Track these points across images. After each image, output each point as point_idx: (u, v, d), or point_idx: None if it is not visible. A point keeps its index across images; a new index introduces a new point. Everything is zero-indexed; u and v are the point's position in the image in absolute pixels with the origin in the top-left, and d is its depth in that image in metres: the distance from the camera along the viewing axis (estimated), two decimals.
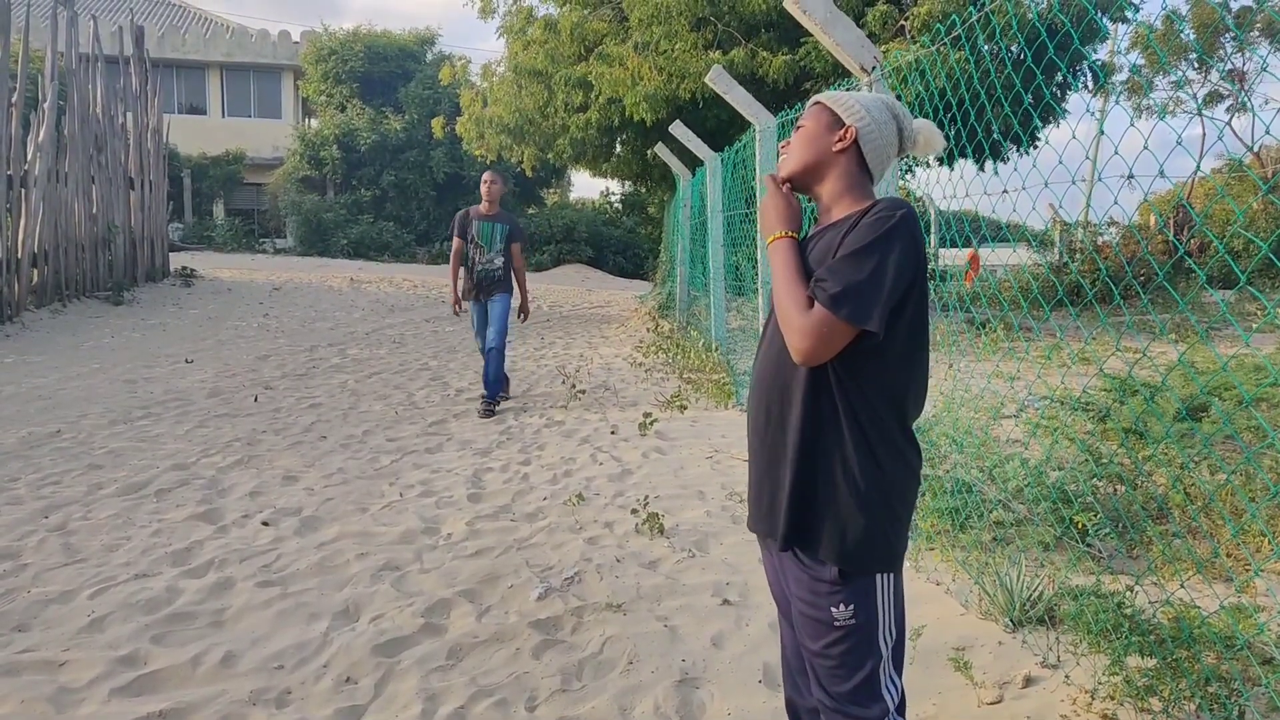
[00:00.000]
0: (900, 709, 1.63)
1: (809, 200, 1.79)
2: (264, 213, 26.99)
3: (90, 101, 12.39)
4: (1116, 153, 2.27)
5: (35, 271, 10.76)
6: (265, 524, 4.05)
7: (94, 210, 12.30)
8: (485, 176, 6.47)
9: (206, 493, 4.50)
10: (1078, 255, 12.69)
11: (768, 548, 1.80)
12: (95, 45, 12.94)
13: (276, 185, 26.17)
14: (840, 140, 1.66)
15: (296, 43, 27.91)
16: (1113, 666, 2.20)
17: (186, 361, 8.56)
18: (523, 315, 6.91)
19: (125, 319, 11.13)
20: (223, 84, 27.45)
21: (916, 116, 1.81)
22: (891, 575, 1.62)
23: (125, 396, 6.91)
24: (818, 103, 1.74)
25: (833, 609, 1.59)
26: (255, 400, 6.84)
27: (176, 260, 16.13)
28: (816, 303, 1.51)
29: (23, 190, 10.49)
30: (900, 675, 1.65)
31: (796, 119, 1.79)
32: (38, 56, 13.80)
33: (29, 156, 10.67)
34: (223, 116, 27.23)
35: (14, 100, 10.18)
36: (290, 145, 25.54)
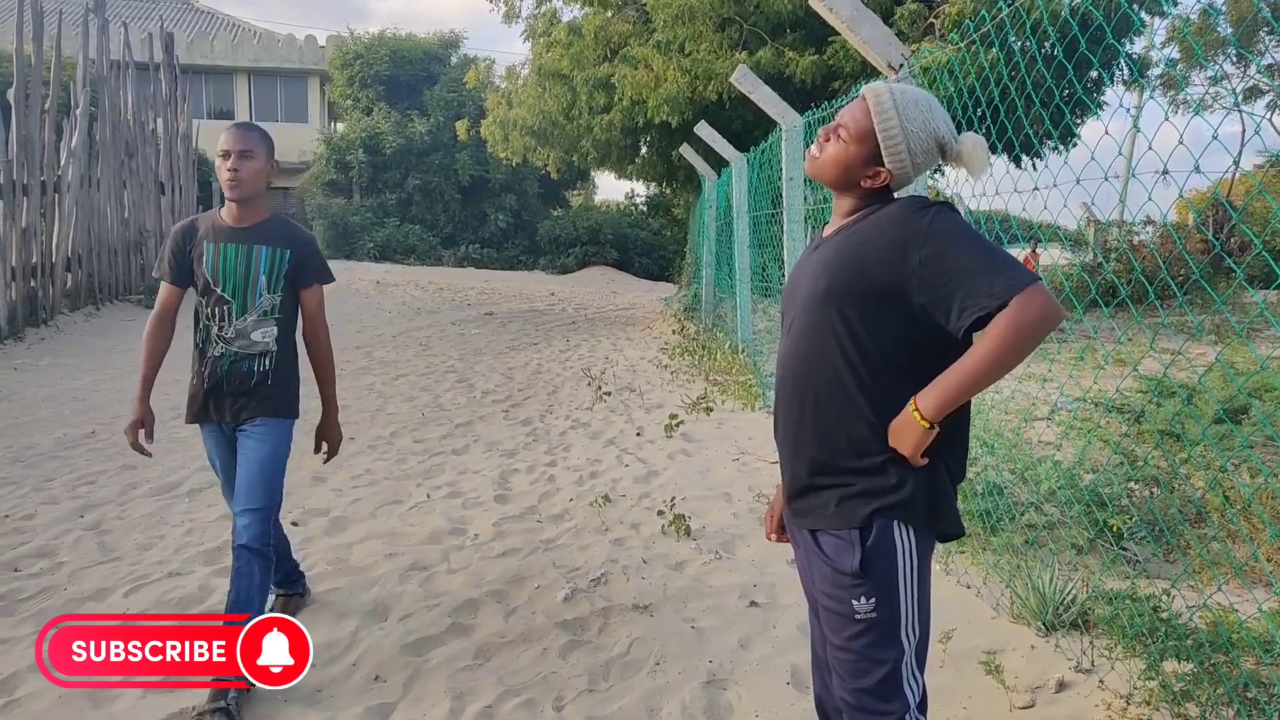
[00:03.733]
0: (921, 707, 1.64)
1: (828, 201, 1.81)
2: (291, 216, 27.32)
3: (121, 108, 12.64)
4: (1150, 148, 2.26)
5: (69, 275, 10.99)
6: (294, 524, 4.11)
7: (125, 214, 12.55)
8: (227, 140, 2.70)
9: None
10: (1112, 254, 12.54)
11: (797, 541, 1.82)
12: (126, 52, 13.19)
13: (303, 189, 26.51)
14: (873, 179, 1.66)
15: (322, 47, 28.25)
16: (1148, 671, 2.18)
17: None
18: (327, 450, 3.10)
19: None
20: (250, 89, 27.86)
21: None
22: (915, 571, 1.63)
23: (157, 398, 7.02)
24: (866, 110, 1.64)
25: (854, 602, 1.61)
26: None
27: None
28: (1003, 311, 1.45)
29: (56, 195, 10.72)
30: (923, 674, 1.66)
31: (834, 116, 1.77)
32: (70, 64, 14.07)
33: (62, 162, 10.91)
34: (250, 121, 27.63)
35: (47, 107, 10.41)
36: (316, 149, 25.86)
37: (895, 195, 1.71)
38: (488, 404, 6.98)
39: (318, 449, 3.07)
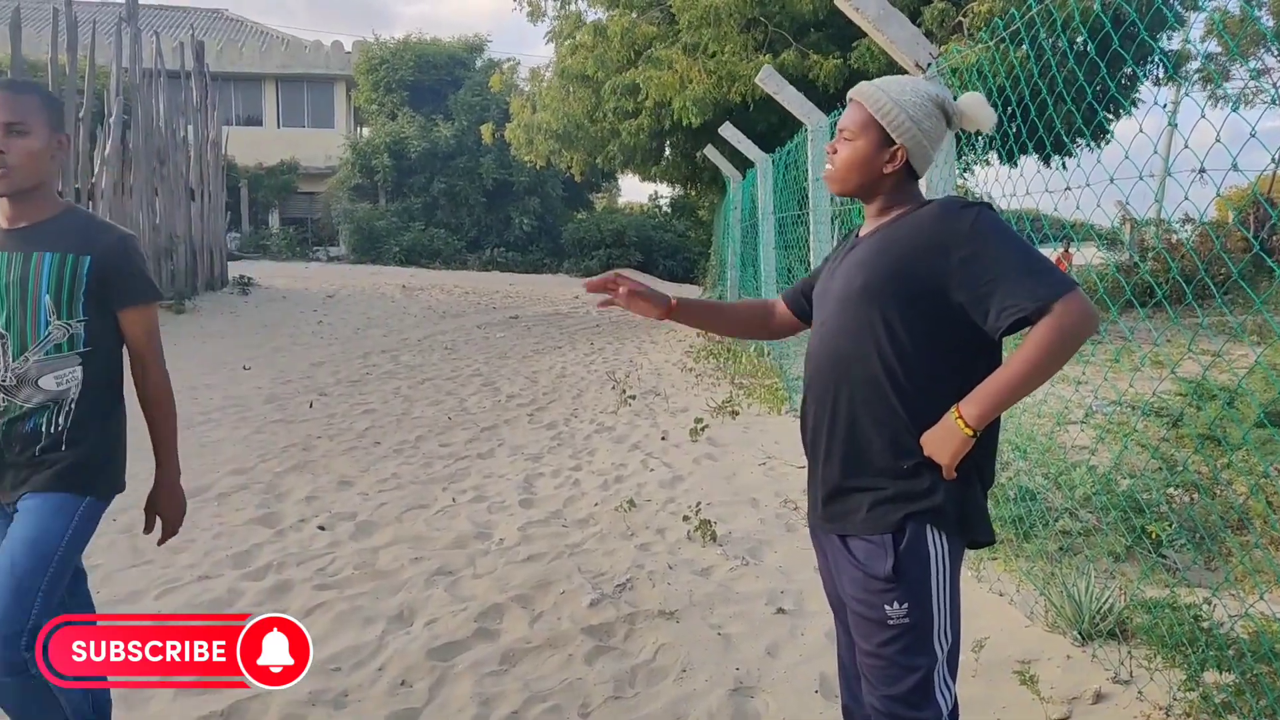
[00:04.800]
0: (953, 715, 1.62)
1: (854, 201, 1.80)
2: (317, 221, 27.67)
3: (153, 115, 12.87)
4: (1186, 146, 2.22)
5: None
6: (321, 528, 4.14)
7: (157, 221, 12.76)
8: None
9: (265, 497, 4.63)
10: (1149, 254, 12.34)
11: (822, 548, 1.80)
12: (158, 60, 13.43)
13: (329, 194, 26.81)
14: (891, 162, 1.66)
15: (349, 53, 28.59)
16: (1188, 682, 2.13)
17: (244, 369, 8.80)
18: (162, 529, 2.22)
19: (186, 327, 11.50)
20: (278, 95, 28.25)
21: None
22: (948, 577, 1.61)
23: (186, 403, 7.13)
24: (860, 105, 1.68)
25: (886, 607, 1.59)
26: (310, 406, 7.01)
27: (234, 269, 16.61)
28: (1045, 315, 1.46)
29: (90, 203, 10.93)
30: (955, 682, 1.63)
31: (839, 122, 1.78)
32: (104, 73, 14.37)
33: (96, 170, 11.12)
34: (278, 127, 28.01)
35: (81, 115, 10.62)
36: (342, 154, 26.15)
37: (921, 178, 1.70)
38: (512, 408, 7.01)
39: (149, 527, 2.21)
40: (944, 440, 1.54)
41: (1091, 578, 2.79)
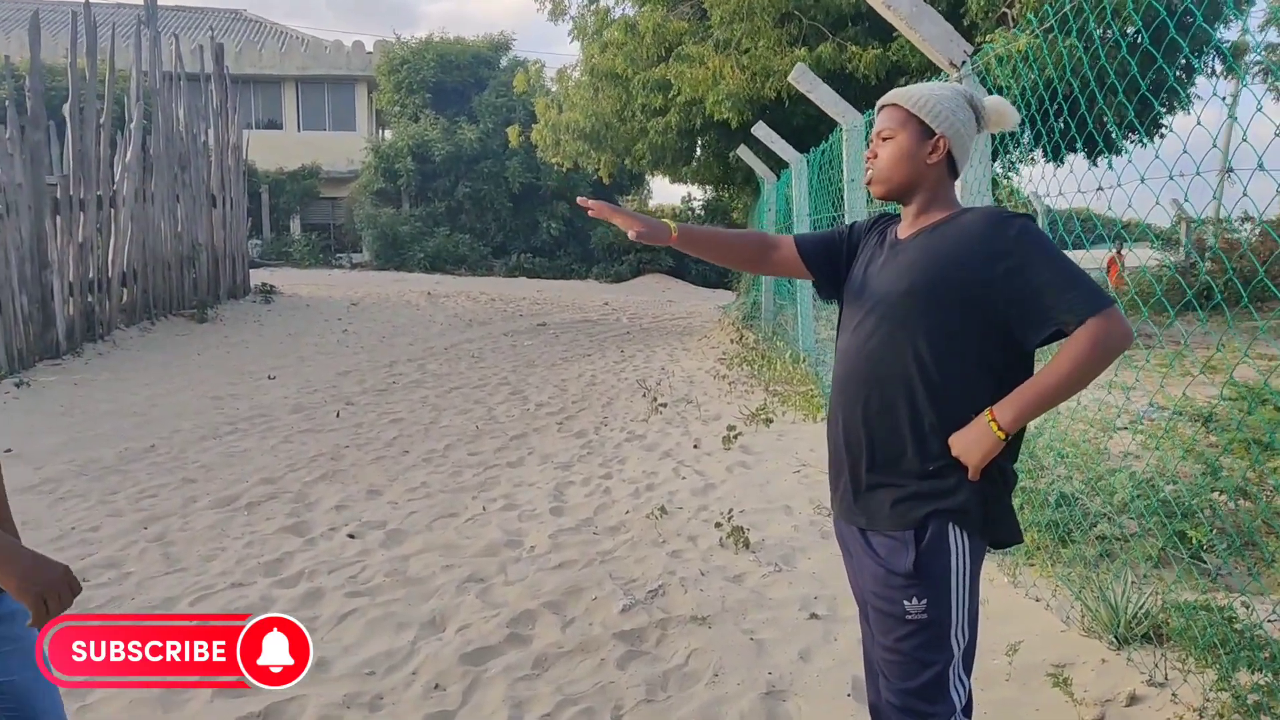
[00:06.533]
0: (967, 710, 1.74)
1: (898, 205, 1.93)
2: (339, 227, 28.14)
3: (174, 120, 13.24)
4: (1245, 140, 2.27)
5: (124, 290, 11.57)
6: (351, 536, 4.34)
7: (179, 228, 13.14)
8: None
9: (294, 506, 4.84)
10: (1206, 254, 12.25)
11: (845, 542, 1.93)
12: (177, 64, 13.83)
13: (351, 199, 27.24)
14: (934, 152, 1.80)
15: (370, 53, 29.06)
16: (1220, 682, 2.23)
17: (269, 378, 9.09)
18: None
19: (210, 336, 11.87)
20: (298, 97, 28.80)
21: (1020, 110, 1.94)
22: (968, 575, 1.74)
23: (213, 413, 7.41)
24: (895, 106, 1.83)
25: (905, 602, 1.72)
26: (337, 416, 7.25)
27: (256, 276, 17.02)
28: (1082, 329, 1.60)
29: (111, 210, 11.32)
30: (969, 678, 1.75)
31: (874, 123, 1.92)
32: (123, 77, 14.78)
33: (117, 177, 11.51)
34: (298, 130, 28.57)
35: (102, 121, 11.01)
36: (364, 158, 26.59)
37: (958, 177, 1.84)
38: (541, 416, 7.19)
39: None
40: (976, 441, 1.68)
41: (1128, 582, 2.88)
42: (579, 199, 2.03)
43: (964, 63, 3.60)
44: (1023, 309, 1.65)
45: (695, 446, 6.00)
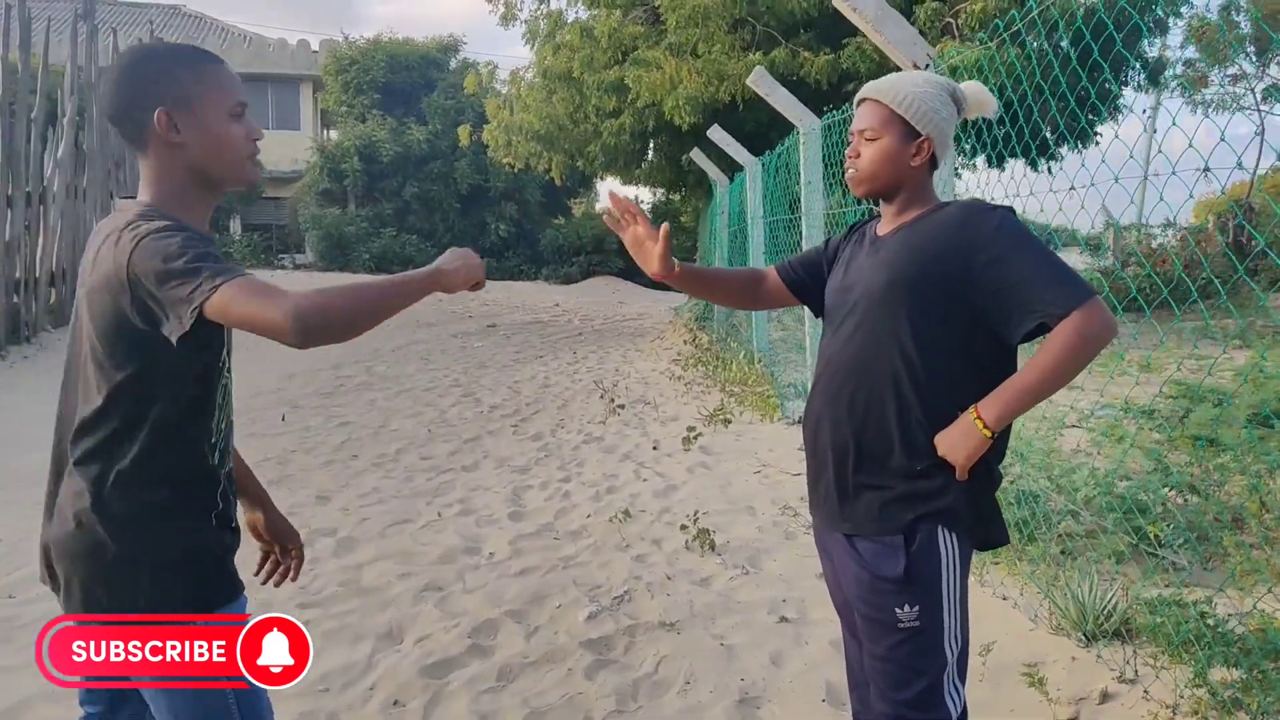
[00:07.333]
0: (963, 718, 1.68)
1: (875, 203, 1.87)
2: (283, 227, 27.53)
3: None
4: (1160, 152, 2.32)
5: (53, 290, 11.10)
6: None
7: None
8: None
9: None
10: (1131, 259, 12.60)
11: (826, 550, 1.86)
12: (115, 59, 13.35)
13: (296, 199, 26.67)
14: (918, 154, 1.74)
15: (315, 52, 28.51)
16: (1195, 679, 2.22)
17: None
18: None
19: None
20: None
21: (968, 122, 1.90)
22: (958, 579, 1.68)
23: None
24: (878, 103, 1.75)
25: (897, 609, 1.65)
26: (283, 419, 7.02)
27: None
28: (1066, 321, 1.54)
29: (41, 208, 10.85)
30: (964, 685, 1.70)
31: (849, 121, 1.86)
32: (57, 71, 14.23)
33: (48, 173, 11.05)
34: None
35: (33, 115, 10.56)
36: (309, 158, 26.05)
37: (939, 165, 1.79)
38: (495, 419, 7.05)
39: None
40: (961, 440, 1.62)
41: (1094, 579, 2.89)
42: (610, 193, 1.98)
43: (927, 66, 3.60)
44: (1004, 302, 1.60)
45: (655, 448, 5.92)
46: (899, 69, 3.62)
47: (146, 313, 1.36)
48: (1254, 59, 17.57)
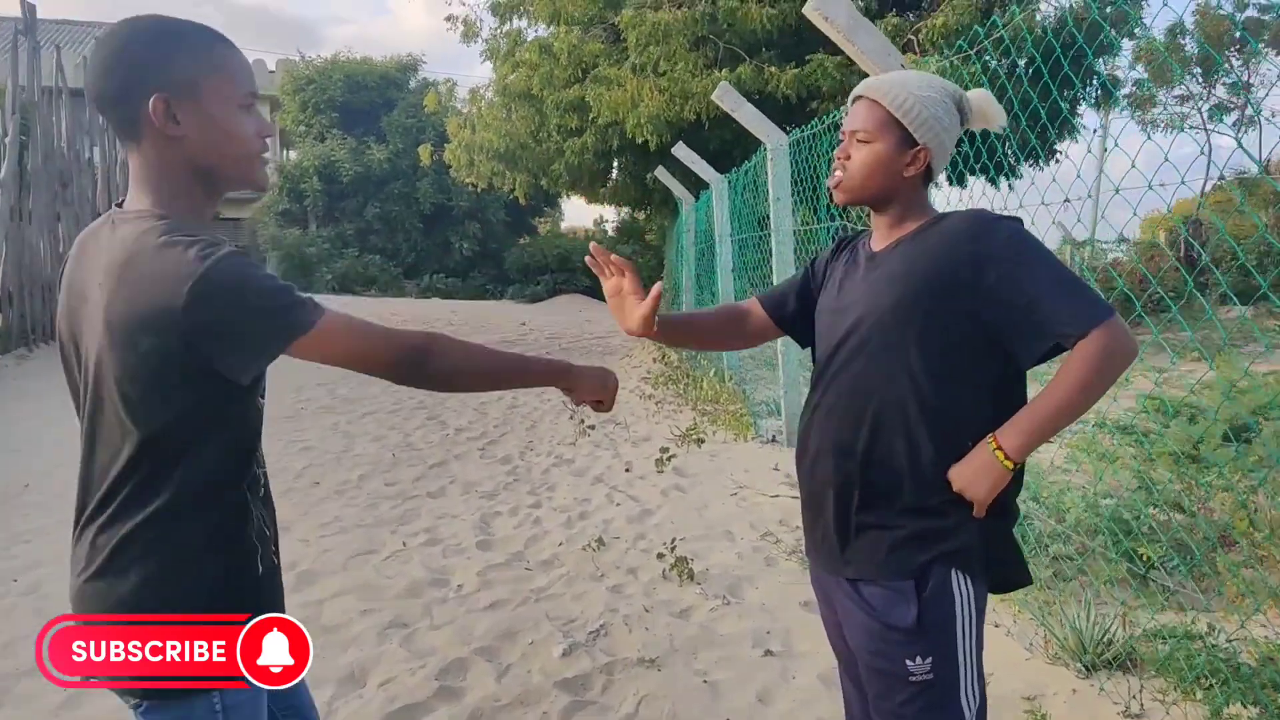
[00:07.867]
0: None
1: (846, 218, 1.74)
2: (243, 248, 27.00)
3: (54, 135, 12.42)
4: (1102, 171, 2.31)
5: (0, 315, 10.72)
6: None
7: (61, 249, 12.27)
8: None
9: None
10: (1090, 274, 12.78)
11: (826, 594, 1.70)
12: (59, 77, 12.96)
13: (255, 220, 26.26)
14: (913, 164, 1.59)
15: (272, 72, 28.13)
16: (1214, 716, 2.10)
17: None
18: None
19: None
20: None
21: None
22: (974, 625, 1.53)
23: None
24: (875, 103, 1.59)
25: (908, 661, 1.49)
26: None
27: None
28: (1086, 341, 1.41)
29: None
30: None
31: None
32: None
33: None
34: None
35: None
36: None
37: (935, 176, 1.64)
38: (462, 441, 6.83)
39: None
40: (981, 474, 1.47)
41: (1090, 606, 2.77)
42: (592, 245, 1.82)
43: None
44: (1017, 321, 1.45)
45: (627, 470, 5.75)
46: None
47: (200, 348, 1.19)
48: (1200, 80, 18.06)
